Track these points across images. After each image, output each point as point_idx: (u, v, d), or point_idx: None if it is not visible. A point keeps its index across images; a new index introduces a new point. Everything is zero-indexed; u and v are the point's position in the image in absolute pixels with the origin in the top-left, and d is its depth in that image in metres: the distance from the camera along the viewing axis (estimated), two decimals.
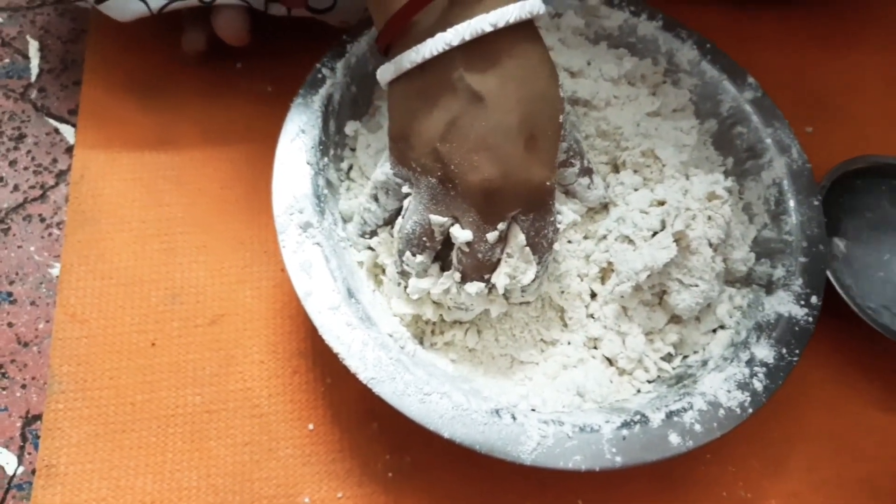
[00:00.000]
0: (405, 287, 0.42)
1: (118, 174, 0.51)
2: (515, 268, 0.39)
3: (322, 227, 0.42)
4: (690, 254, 0.42)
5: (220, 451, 0.44)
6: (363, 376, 0.38)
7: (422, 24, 0.38)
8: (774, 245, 0.46)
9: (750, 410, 0.39)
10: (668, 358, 0.44)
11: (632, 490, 0.45)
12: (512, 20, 0.36)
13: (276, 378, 0.46)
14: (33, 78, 0.56)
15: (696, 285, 0.42)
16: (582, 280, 0.45)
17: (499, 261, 0.40)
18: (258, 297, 0.48)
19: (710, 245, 0.43)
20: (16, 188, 0.51)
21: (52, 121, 0.54)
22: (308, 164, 0.43)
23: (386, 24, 0.38)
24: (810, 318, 0.42)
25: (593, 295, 0.45)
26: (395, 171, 0.41)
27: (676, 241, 0.42)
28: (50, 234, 0.50)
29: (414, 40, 0.38)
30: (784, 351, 0.41)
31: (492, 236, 0.38)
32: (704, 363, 0.43)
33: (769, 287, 0.44)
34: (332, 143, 0.46)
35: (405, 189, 0.41)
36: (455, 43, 0.36)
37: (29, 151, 0.53)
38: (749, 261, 0.46)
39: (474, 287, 0.40)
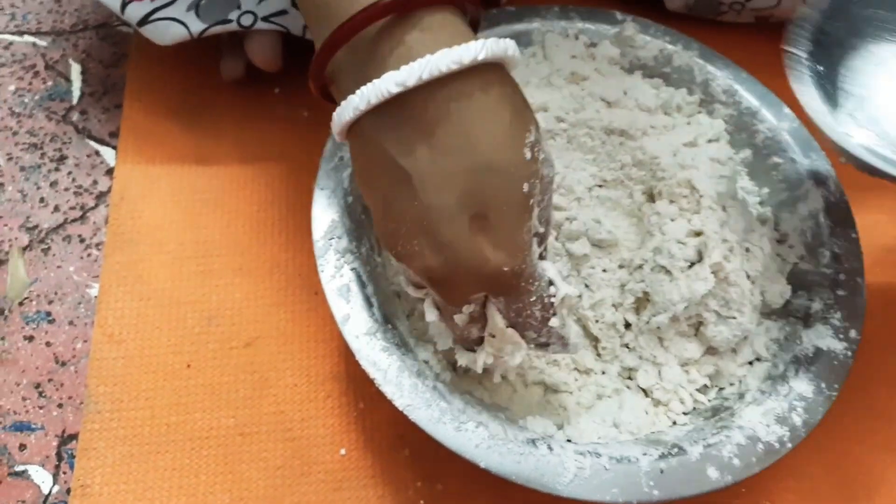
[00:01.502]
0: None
1: (157, 196, 0.52)
2: (500, 349, 0.36)
3: (360, 252, 0.42)
4: (728, 286, 0.42)
5: (253, 474, 0.44)
6: (399, 403, 0.38)
7: (338, 78, 0.33)
8: (811, 277, 0.46)
9: (789, 445, 0.39)
10: (703, 390, 0.44)
11: None
12: (426, 76, 0.29)
13: (309, 402, 0.46)
14: (75, 101, 0.57)
15: (734, 318, 0.42)
16: (616, 310, 0.45)
17: (482, 337, 0.37)
18: (293, 320, 0.49)
19: (748, 277, 0.43)
20: (56, 209, 0.52)
21: (92, 143, 0.55)
22: (347, 190, 0.44)
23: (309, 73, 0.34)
24: (849, 353, 0.42)
25: (627, 325, 0.45)
26: None
27: (714, 272, 0.42)
28: (89, 255, 0.50)
29: (338, 97, 0.33)
30: (823, 385, 0.41)
31: (459, 319, 0.35)
32: (741, 396, 0.43)
33: (807, 320, 0.44)
34: None
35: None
36: (363, 108, 0.30)
37: (70, 173, 0.54)
38: (786, 293, 0.45)
39: (464, 358, 0.38)
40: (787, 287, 0.46)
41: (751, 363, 0.45)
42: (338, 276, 0.41)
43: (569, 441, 0.39)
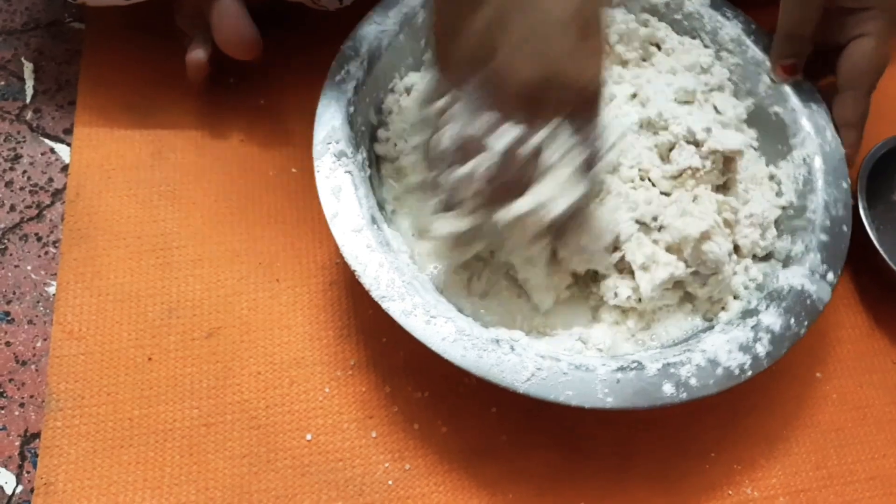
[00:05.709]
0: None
1: (113, 191, 0.52)
2: (556, 181, 0.36)
3: (355, 159, 0.44)
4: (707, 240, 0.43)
5: (219, 464, 0.44)
6: (375, 294, 0.40)
7: None
8: (797, 222, 0.46)
9: (749, 373, 0.39)
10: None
11: (634, 488, 0.44)
12: None
13: (273, 389, 0.46)
14: (28, 99, 0.56)
15: (716, 273, 0.43)
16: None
17: (530, 181, 0.36)
18: (254, 308, 0.48)
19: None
20: (12, 208, 0.51)
21: (47, 141, 0.54)
22: (349, 100, 0.46)
23: None
24: (823, 294, 0.42)
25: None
26: (439, 78, 0.39)
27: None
28: (46, 253, 0.50)
29: None
30: (792, 321, 0.41)
31: (536, 139, 0.35)
32: (711, 328, 0.44)
33: (786, 261, 0.45)
34: (376, 88, 0.49)
35: (441, 103, 0.38)
36: None
37: (25, 171, 0.53)
38: (773, 238, 0.46)
39: (511, 211, 0.36)
40: (773, 231, 0.46)
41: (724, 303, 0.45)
42: (332, 176, 0.43)
43: None
